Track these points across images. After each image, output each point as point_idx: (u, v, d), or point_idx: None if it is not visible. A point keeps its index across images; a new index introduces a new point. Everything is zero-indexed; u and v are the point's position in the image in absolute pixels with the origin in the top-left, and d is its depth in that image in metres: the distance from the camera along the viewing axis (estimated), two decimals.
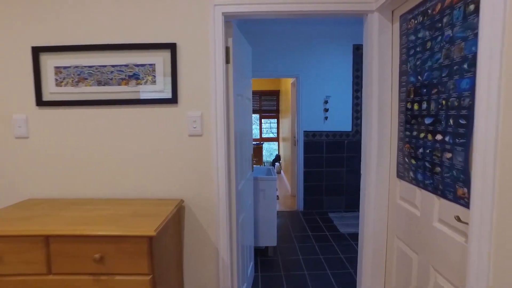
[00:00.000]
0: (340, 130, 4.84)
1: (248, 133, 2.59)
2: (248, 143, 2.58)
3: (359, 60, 4.75)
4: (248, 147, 2.61)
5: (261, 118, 9.06)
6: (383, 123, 1.82)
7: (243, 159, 2.35)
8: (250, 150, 2.73)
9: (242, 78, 2.28)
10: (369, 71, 1.87)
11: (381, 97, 1.81)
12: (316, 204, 4.96)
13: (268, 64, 4.73)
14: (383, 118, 1.82)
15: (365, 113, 1.97)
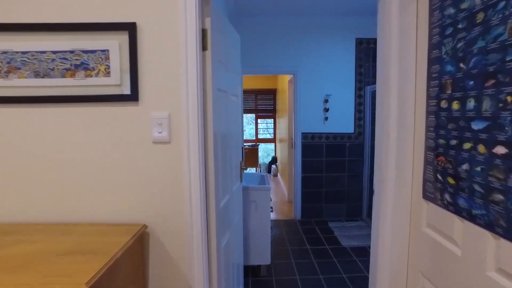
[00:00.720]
0: (341, 132, 4.43)
1: (235, 137, 2.17)
2: (235, 149, 2.17)
3: (362, 55, 4.33)
4: (236, 154, 2.19)
5: (257, 118, 8.65)
6: (404, 127, 1.41)
7: (227, 169, 1.93)
8: (239, 157, 2.31)
9: (225, 71, 1.87)
10: (384, 61, 1.46)
11: (401, 94, 1.40)
12: (315, 212, 4.55)
13: (263, 60, 4.32)
14: (404, 121, 1.41)
15: (379, 114, 1.56)
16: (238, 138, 2.29)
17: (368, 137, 4.37)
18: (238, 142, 2.28)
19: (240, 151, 2.36)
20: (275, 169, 8.21)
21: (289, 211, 5.02)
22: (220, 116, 1.73)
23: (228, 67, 1.92)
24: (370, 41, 4.31)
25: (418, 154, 1.37)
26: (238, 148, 2.30)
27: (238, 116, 2.30)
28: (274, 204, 5.59)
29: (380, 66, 1.52)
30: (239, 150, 2.32)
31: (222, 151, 1.77)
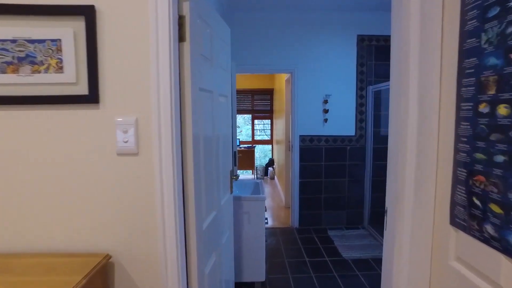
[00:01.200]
0: (341, 134, 4.17)
1: (224, 143, 1.91)
2: (224, 157, 1.90)
3: (364, 53, 4.07)
4: (225, 162, 1.93)
5: (254, 118, 8.39)
6: (426, 135, 1.15)
7: (214, 181, 1.67)
8: (229, 165, 2.05)
9: (210, 67, 1.60)
10: (400, 55, 1.20)
11: (422, 95, 1.14)
12: (314, 220, 4.29)
13: (258, 58, 4.05)
14: (425, 127, 1.15)
15: (394, 118, 1.30)
16: (228, 143, 2.03)
17: (370, 140, 4.11)
18: (227, 148, 2.01)
19: (230, 158, 2.10)
20: (272, 171, 7.95)
21: (286, 218, 4.75)
22: (203, 120, 1.46)
23: (214, 63, 1.65)
24: (372, 38, 4.05)
25: (444, 169, 1.11)
26: (228, 155, 2.04)
27: (227, 119, 2.03)
28: (271, 209, 5.33)
29: (395, 61, 1.26)
30: (229, 157, 2.05)
31: (206, 161, 1.50)
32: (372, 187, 4.18)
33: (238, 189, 3.10)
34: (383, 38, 4.06)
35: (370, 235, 4.01)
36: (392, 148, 1.33)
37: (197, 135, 1.35)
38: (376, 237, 3.89)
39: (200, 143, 1.41)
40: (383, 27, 4.04)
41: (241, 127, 9.59)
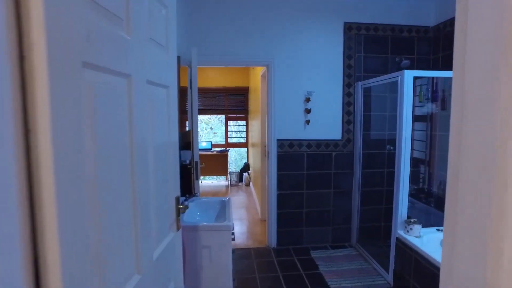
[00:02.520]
0: (326, 138, 3.58)
1: (160, 157, 1.23)
2: (160, 178, 1.22)
3: (352, 44, 3.50)
4: (162, 187, 1.25)
5: (228, 119, 7.71)
6: None
7: (132, 223, 0.99)
8: (171, 190, 1.37)
9: (119, 29, 0.91)
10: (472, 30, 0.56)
11: None
12: (294, 238, 3.67)
13: (228, 47, 3.38)
14: None
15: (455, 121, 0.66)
16: (170, 158, 1.35)
17: (359, 145, 3.54)
18: (169, 165, 1.34)
19: (175, 179, 1.42)
20: (247, 177, 7.30)
21: (262, 235, 4.11)
22: (94, 120, 0.77)
23: (131, 28, 0.96)
24: (361, 27, 3.48)
25: None
26: (172, 175, 1.36)
27: (170, 121, 1.35)
28: (245, 222, 4.67)
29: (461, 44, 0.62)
30: (172, 179, 1.38)
31: (103, 191, 0.82)
32: (360, 200, 3.61)
33: (199, 211, 2.43)
34: (373, 27, 3.50)
35: (359, 255, 3.43)
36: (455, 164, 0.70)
37: (70, 145, 0.67)
38: (367, 259, 3.32)
39: (84, 160, 0.73)
40: (374, 14, 3.48)
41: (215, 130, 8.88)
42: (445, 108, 3.32)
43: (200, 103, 7.36)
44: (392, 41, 3.53)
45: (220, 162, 7.21)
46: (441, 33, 3.43)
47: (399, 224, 2.66)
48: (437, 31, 3.49)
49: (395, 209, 2.71)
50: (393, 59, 3.52)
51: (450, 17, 3.29)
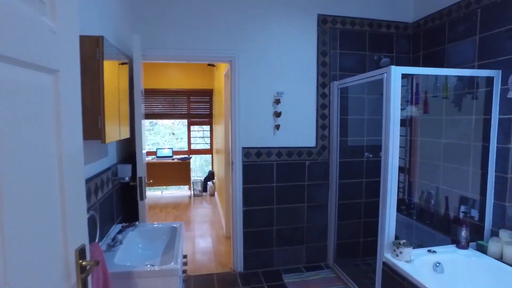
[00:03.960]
0: (298, 145, 3.16)
1: (38, 181, 0.70)
2: (44, 225, 0.69)
3: (327, 39, 3.11)
4: (49, 238, 0.72)
5: (190, 124, 7.12)
6: None
7: None
8: (77, 237, 0.83)
9: None
10: None
11: None
12: (263, 260, 3.20)
13: (184, 40, 2.87)
14: None
15: None
16: (61, 178, 0.82)
17: (335, 153, 3.15)
18: (63, 189, 0.81)
19: (81, 209, 0.89)
20: (211, 186, 6.74)
21: (226, 255, 3.60)
22: None
23: None
24: (336, 20, 3.11)
25: None
26: (70, 204, 0.84)
27: (62, 123, 0.82)
28: (208, 240, 4.13)
29: None
30: (74, 210, 0.85)
31: None
32: (338, 214, 3.21)
33: (143, 242, 1.88)
34: (350, 21, 3.13)
35: (337, 278, 3.02)
36: None
37: None
38: (347, 282, 2.92)
39: None
40: (350, 6, 3.12)
41: (177, 135, 8.25)
42: (428, 111, 3.02)
43: (161, 106, 6.74)
44: (370, 37, 3.19)
45: (182, 171, 6.62)
46: (421, 29, 3.14)
47: (386, 246, 2.27)
48: (417, 27, 3.19)
49: (381, 228, 2.31)
50: (371, 57, 3.17)
51: (431, 12, 3.00)
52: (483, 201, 2.46)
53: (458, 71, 2.49)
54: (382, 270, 2.30)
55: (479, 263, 2.21)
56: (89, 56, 1.28)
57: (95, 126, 1.31)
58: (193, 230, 4.52)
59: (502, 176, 2.35)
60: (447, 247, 2.38)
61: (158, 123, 8.23)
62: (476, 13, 2.56)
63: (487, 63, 2.46)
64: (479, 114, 2.51)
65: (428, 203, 3.01)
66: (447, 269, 2.15)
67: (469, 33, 2.61)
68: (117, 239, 1.66)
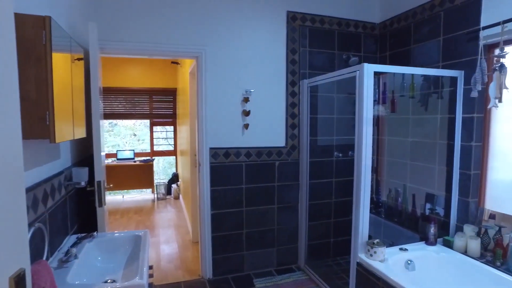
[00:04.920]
0: (268, 145, 3.07)
1: None
2: None
3: (297, 37, 3.06)
4: None
5: (153, 125, 6.82)
6: None
7: None
8: (10, 260, 0.66)
9: None
10: None
11: None
12: (234, 265, 3.07)
13: (146, 32, 2.68)
14: None
15: None
16: None
17: (305, 152, 3.10)
18: None
19: (21, 224, 0.72)
20: (176, 189, 6.49)
21: (194, 262, 3.43)
22: None
23: None
24: (306, 17, 3.06)
25: None
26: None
27: None
28: (173, 246, 3.93)
29: None
30: (9, 228, 0.67)
31: None
32: (309, 215, 3.16)
33: (102, 254, 1.68)
34: (319, 19, 3.10)
35: (310, 280, 2.97)
36: None
37: None
38: (319, 284, 2.87)
39: None
40: (320, 4, 3.08)
41: (138, 137, 7.86)
42: (395, 110, 3.06)
43: (121, 105, 6.38)
44: (338, 36, 3.18)
45: (145, 173, 6.29)
46: (387, 30, 3.18)
47: (360, 246, 2.24)
48: (384, 28, 3.23)
49: (355, 228, 2.28)
50: (340, 56, 3.17)
51: (397, 14, 3.05)
52: (448, 197, 2.52)
53: (426, 70, 2.53)
54: (356, 270, 2.27)
55: (447, 258, 2.25)
56: (33, 40, 1.08)
57: (42, 123, 1.11)
58: (157, 236, 4.29)
59: (466, 173, 2.41)
60: (417, 244, 2.40)
61: (119, 124, 7.81)
62: (439, 16, 2.62)
63: (451, 64, 2.52)
64: (444, 113, 2.57)
65: (396, 201, 3.05)
66: (418, 266, 2.16)
67: (434, 35, 2.67)
68: (71, 252, 1.46)
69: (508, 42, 2.10)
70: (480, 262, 2.10)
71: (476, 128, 2.34)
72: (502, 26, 2.06)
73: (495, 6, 2.19)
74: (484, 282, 1.99)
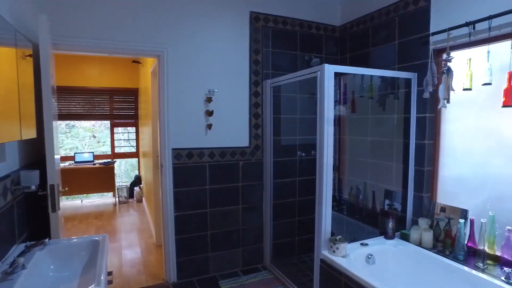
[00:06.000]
0: (232, 145, 3.06)
1: None
2: None
3: (260, 37, 3.07)
4: None
5: (114, 126, 6.56)
6: None
7: None
8: None
9: None
10: None
11: None
12: (199, 267, 3.03)
13: (105, 29, 2.57)
14: None
15: None
16: None
17: (269, 152, 3.12)
18: None
19: None
20: (139, 192, 6.29)
21: (158, 266, 3.33)
22: None
23: None
24: (269, 18, 3.08)
25: None
26: None
27: None
28: (137, 251, 3.80)
29: None
30: None
31: None
32: (273, 214, 3.19)
33: (55, 262, 1.58)
34: (282, 20, 3.13)
35: (276, 279, 2.99)
36: None
37: None
38: (285, 282, 2.90)
39: None
40: (282, 5, 3.12)
41: (100, 138, 7.52)
42: (355, 110, 3.17)
43: (79, 106, 6.07)
44: (301, 37, 3.23)
45: (106, 176, 6.03)
46: (347, 33, 3.29)
47: (323, 243, 2.28)
48: (344, 30, 3.34)
49: (318, 226, 2.33)
50: (303, 57, 3.22)
51: (356, 17, 3.16)
52: (405, 193, 2.64)
53: (382, 72, 2.64)
54: (320, 267, 2.31)
55: (404, 250, 2.35)
56: None
57: None
58: (119, 241, 4.12)
59: (420, 169, 2.55)
60: (377, 239, 2.49)
61: (77, 125, 7.43)
62: (395, 21, 2.74)
63: (405, 66, 2.65)
64: (400, 113, 2.69)
65: (357, 198, 3.16)
66: (378, 259, 2.24)
67: (390, 39, 2.79)
68: (17, 263, 1.35)
69: (454, 47, 2.24)
70: (432, 252, 2.22)
71: (429, 127, 2.48)
72: (448, 33, 2.20)
73: (442, 14, 2.33)
74: (435, 270, 2.12)
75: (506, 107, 1.89)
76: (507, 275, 1.79)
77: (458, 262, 2.06)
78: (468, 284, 1.92)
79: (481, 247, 2.01)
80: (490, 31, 1.98)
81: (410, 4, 2.58)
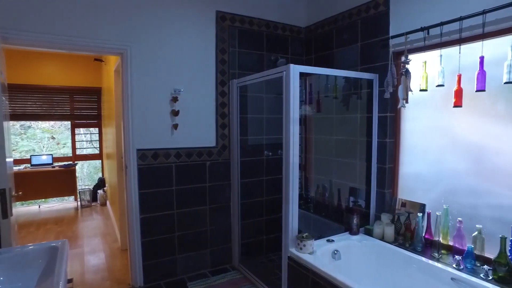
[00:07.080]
0: (198, 146, 3.02)
1: None
2: None
3: (226, 37, 3.06)
4: None
5: (75, 126, 6.27)
6: None
7: None
8: None
9: None
10: None
11: None
12: (166, 270, 2.96)
13: (62, 24, 2.44)
14: None
15: None
16: None
17: (236, 151, 3.12)
18: None
19: None
20: (102, 195, 6.05)
21: (123, 270, 3.22)
22: None
23: None
24: (235, 18, 3.08)
25: None
26: None
27: None
28: (101, 256, 3.65)
29: None
30: None
31: None
32: (241, 214, 3.19)
33: (4, 274, 1.48)
34: (248, 20, 3.14)
35: (244, 278, 2.99)
36: None
37: None
38: (254, 281, 2.90)
39: None
40: (249, 5, 3.13)
41: (60, 139, 7.15)
42: (320, 110, 3.24)
43: (36, 105, 5.74)
44: (267, 38, 3.26)
45: (66, 180, 5.76)
46: (313, 34, 3.36)
47: (290, 240, 2.31)
48: (309, 32, 3.40)
49: (285, 224, 2.35)
50: (269, 57, 3.25)
51: (321, 19, 3.23)
52: (368, 190, 2.74)
53: (346, 73, 2.71)
54: (287, 264, 2.34)
55: (367, 245, 2.44)
56: None
57: None
58: (81, 247, 3.94)
59: (382, 167, 2.65)
60: (342, 235, 2.56)
61: (33, 126, 7.02)
62: (357, 23, 2.84)
63: (368, 68, 2.75)
64: (363, 112, 2.79)
65: (323, 196, 3.23)
66: (343, 254, 2.30)
67: (353, 40, 2.89)
68: None
69: (411, 50, 2.36)
70: (394, 246, 2.33)
71: (390, 126, 2.59)
72: (406, 36, 2.31)
73: (400, 18, 2.45)
74: (396, 263, 2.22)
75: (457, 107, 2.02)
76: (458, 262, 1.95)
77: (417, 253, 2.18)
78: (425, 273, 2.04)
79: (436, 238, 2.14)
80: (442, 36, 2.11)
81: (371, 8, 2.68)
